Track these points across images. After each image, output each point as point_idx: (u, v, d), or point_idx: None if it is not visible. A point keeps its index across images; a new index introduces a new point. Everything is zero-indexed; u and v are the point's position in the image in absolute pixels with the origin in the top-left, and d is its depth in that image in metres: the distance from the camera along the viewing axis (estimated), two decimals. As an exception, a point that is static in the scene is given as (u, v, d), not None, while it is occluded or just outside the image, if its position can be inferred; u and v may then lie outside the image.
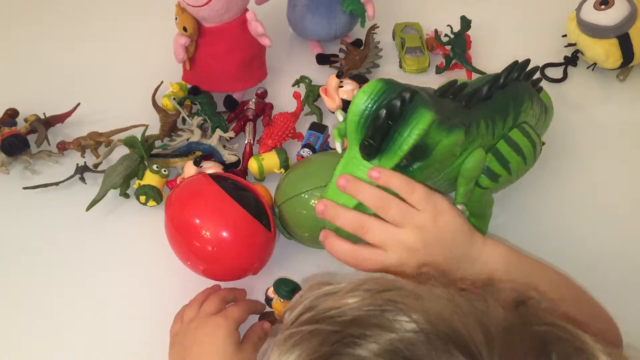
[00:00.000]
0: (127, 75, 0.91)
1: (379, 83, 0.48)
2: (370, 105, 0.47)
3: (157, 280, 0.70)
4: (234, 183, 0.67)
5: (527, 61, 0.65)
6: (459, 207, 0.59)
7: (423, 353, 0.30)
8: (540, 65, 0.91)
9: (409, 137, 0.45)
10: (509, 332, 0.32)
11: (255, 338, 0.60)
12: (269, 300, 0.64)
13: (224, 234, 0.63)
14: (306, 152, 0.77)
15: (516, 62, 0.63)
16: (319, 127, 0.80)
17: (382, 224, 0.48)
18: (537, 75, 0.73)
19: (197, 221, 0.63)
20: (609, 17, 0.84)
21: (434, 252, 0.47)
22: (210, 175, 0.68)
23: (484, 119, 0.58)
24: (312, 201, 0.64)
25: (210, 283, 0.67)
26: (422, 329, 0.31)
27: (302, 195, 0.65)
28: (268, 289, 0.64)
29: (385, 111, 0.45)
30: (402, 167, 0.48)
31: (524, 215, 0.75)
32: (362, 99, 0.47)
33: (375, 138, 0.46)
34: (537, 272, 0.51)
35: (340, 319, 0.33)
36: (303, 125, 0.83)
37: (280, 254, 0.69)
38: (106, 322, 0.67)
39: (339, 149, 0.56)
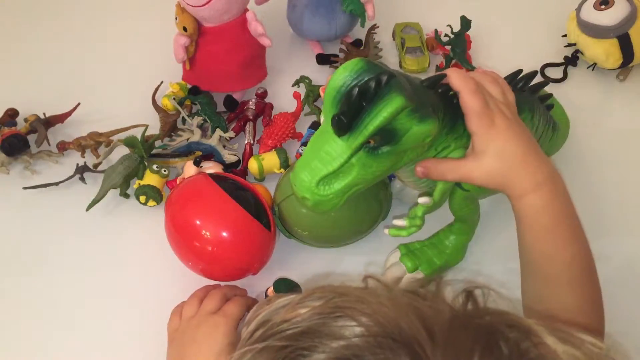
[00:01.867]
0: (127, 75, 0.91)
1: (361, 62, 0.48)
2: (347, 82, 0.47)
3: (157, 280, 0.70)
4: (233, 183, 0.68)
5: (534, 73, 0.64)
6: (424, 199, 0.59)
7: (369, 357, 0.31)
8: (540, 66, 0.92)
9: (375, 118, 0.46)
10: (453, 327, 0.32)
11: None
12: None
13: (224, 234, 0.63)
14: (302, 149, 0.77)
15: (520, 70, 0.62)
16: (318, 127, 0.79)
17: (496, 84, 0.53)
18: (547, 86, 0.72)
19: (197, 221, 0.63)
20: (609, 17, 0.84)
21: (518, 127, 0.51)
22: (210, 175, 0.68)
23: None
24: None
25: (211, 283, 0.67)
26: (370, 332, 0.32)
27: None
28: (268, 288, 0.64)
29: (358, 89, 0.46)
30: (370, 148, 0.48)
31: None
32: (341, 74, 0.48)
33: (346, 114, 0.46)
34: (580, 227, 0.53)
35: (289, 332, 0.34)
36: (303, 125, 0.83)
37: (280, 253, 0.69)
38: (106, 322, 0.67)
39: (321, 121, 0.56)
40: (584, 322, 0.52)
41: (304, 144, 0.78)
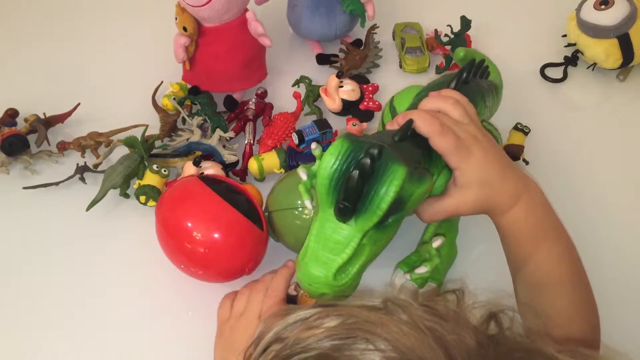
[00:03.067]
0: (127, 75, 0.91)
1: (345, 142, 0.46)
2: (338, 167, 0.46)
3: (157, 279, 0.70)
4: (222, 184, 0.67)
5: (472, 62, 0.64)
6: (438, 241, 0.61)
7: None
8: (540, 66, 0.92)
9: (387, 195, 0.45)
10: (476, 357, 0.31)
11: None
12: (292, 299, 0.63)
13: (217, 235, 0.63)
14: (295, 137, 0.77)
15: (460, 72, 0.61)
16: (321, 124, 0.79)
17: (461, 109, 0.52)
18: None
19: (189, 224, 0.63)
20: (609, 17, 0.84)
21: (492, 150, 0.51)
22: (199, 177, 0.68)
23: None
24: (304, 215, 0.64)
25: (207, 283, 0.67)
26: (388, 357, 0.31)
27: (296, 210, 0.65)
28: (290, 286, 0.63)
29: (357, 171, 0.44)
30: (378, 224, 0.47)
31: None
32: (330, 161, 0.46)
33: (350, 200, 0.45)
34: (561, 229, 0.53)
35: (305, 355, 0.33)
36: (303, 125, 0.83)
37: (272, 253, 0.69)
38: (106, 322, 0.67)
39: (308, 206, 0.54)
40: (579, 323, 0.52)
41: (311, 140, 0.77)
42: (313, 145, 0.56)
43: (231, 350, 0.57)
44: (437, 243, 0.61)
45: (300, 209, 0.65)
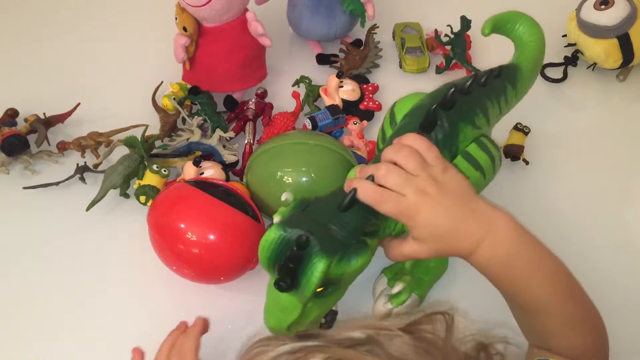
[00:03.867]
0: (127, 75, 0.91)
1: (279, 229, 0.50)
2: (274, 246, 0.50)
3: (157, 279, 0.70)
4: (209, 184, 0.67)
5: (474, 76, 0.62)
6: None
7: None
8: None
9: (309, 281, 0.48)
10: None
11: None
12: None
13: (218, 234, 0.63)
14: (308, 123, 0.79)
15: (449, 97, 0.59)
16: (334, 110, 0.80)
17: (399, 171, 0.51)
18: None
19: (189, 231, 0.63)
20: (609, 17, 0.84)
21: (446, 198, 0.51)
22: (187, 182, 0.68)
23: (489, 99, 0.61)
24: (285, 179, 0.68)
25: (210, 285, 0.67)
26: None
27: (277, 177, 0.68)
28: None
29: (286, 255, 0.48)
30: (318, 295, 0.51)
31: (519, 214, 0.75)
32: (264, 245, 0.50)
33: (283, 278, 0.49)
34: (538, 257, 0.53)
35: None
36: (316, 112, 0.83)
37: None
38: (106, 322, 0.67)
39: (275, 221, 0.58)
40: (577, 337, 0.52)
41: (324, 126, 0.79)
42: (283, 197, 0.62)
43: None
44: (396, 289, 0.64)
45: (280, 173, 0.68)
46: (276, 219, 0.58)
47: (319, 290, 0.50)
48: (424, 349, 0.37)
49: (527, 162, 0.79)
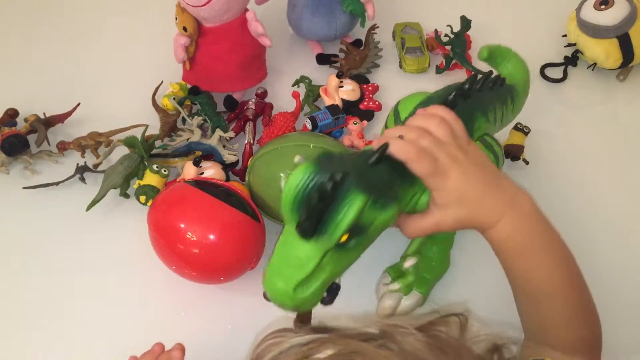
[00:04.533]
0: (127, 75, 0.91)
1: (311, 165, 0.48)
2: (302, 187, 0.47)
3: (157, 279, 0.70)
4: (209, 184, 0.67)
5: (475, 76, 0.64)
6: (410, 262, 0.62)
7: None
8: (540, 66, 0.92)
9: (342, 221, 0.46)
10: None
11: None
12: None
13: (218, 234, 0.63)
14: (308, 123, 0.79)
15: (459, 90, 0.59)
16: (334, 109, 0.80)
17: (431, 135, 0.51)
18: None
19: (183, 225, 0.63)
20: (609, 17, 0.84)
21: (473, 167, 0.51)
22: (187, 182, 0.68)
23: (492, 106, 0.60)
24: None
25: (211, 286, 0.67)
26: None
27: (279, 179, 0.68)
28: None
29: (317, 193, 0.46)
30: (340, 246, 0.48)
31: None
32: (294, 181, 0.48)
33: (310, 220, 0.46)
34: (553, 241, 0.53)
35: None
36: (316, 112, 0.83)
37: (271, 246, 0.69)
38: (106, 322, 0.67)
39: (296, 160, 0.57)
40: (576, 328, 0.53)
41: (324, 126, 0.79)
42: (296, 159, 0.59)
43: None
44: (408, 263, 0.62)
45: (282, 175, 0.68)
46: (298, 158, 0.57)
47: (342, 239, 0.47)
48: (438, 348, 0.37)
49: (527, 162, 0.79)
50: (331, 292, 0.55)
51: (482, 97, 0.62)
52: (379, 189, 0.48)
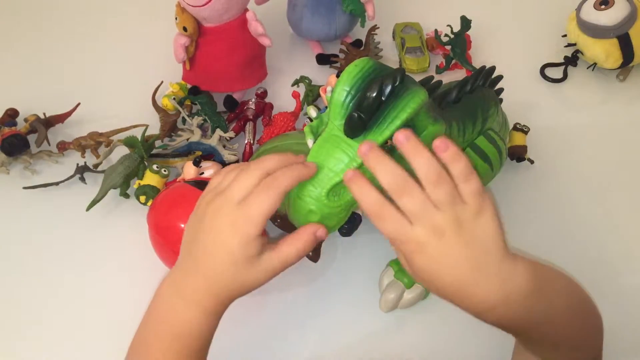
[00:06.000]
0: (127, 75, 0.91)
1: (370, 61, 0.46)
2: (360, 81, 0.45)
3: (157, 280, 0.69)
4: (207, 184, 0.67)
5: (493, 68, 0.64)
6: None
7: None
8: (540, 66, 0.92)
9: (403, 111, 0.43)
10: None
11: (289, 253, 0.47)
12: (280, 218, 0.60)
13: None
14: (308, 122, 0.78)
15: (483, 67, 0.63)
16: None
17: (423, 194, 0.42)
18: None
19: (183, 225, 0.62)
20: (609, 17, 0.84)
21: (463, 250, 0.41)
22: (187, 182, 0.68)
23: (455, 121, 0.57)
24: None
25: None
26: None
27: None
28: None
29: (378, 87, 0.43)
30: (387, 149, 0.45)
31: (522, 215, 0.75)
32: (352, 72, 0.45)
33: (366, 111, 0.43)
34: (557, 290, 0.47)
35: None
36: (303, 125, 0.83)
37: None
38: (106, 322, 0.67)
39: (310, 145, 0.51)
40: (574, 356, 0.51)
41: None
42: (311, 112, 0.55)
43: (198, 231, 0.49)
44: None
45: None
46: (312, 111, 0.54)
47: (390, 142, 0.44)
48: None
49: (532, 162, 0.79)
50: (351, 222, 0.51)
51: (493, 93, 0.63)
52: (432, 105, 0.47)
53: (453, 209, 0.41)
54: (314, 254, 0.54)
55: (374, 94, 0.43)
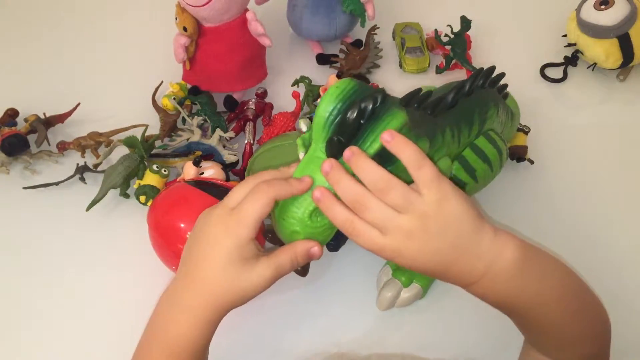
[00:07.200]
0: (127, 75, 0.91)
1: (351, 82, 0.47)
2: (341, 103, 0.46)
3: (158, 280, 0.69)
4: (209, 184, 0.67)
5: (492, 68, 0.64)
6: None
7: None
8: (540, 66, 0.92)
9: (380, 135, 0.44)
10: None
11: (284, 261, 0.48)
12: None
13: None
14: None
15: (481, 69, 0.62)
16: None
17: (381, 204, 0.44)
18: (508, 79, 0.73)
19: (183, 225, 0.63)
20: (609, 17, 0.84)
21: (436, 242, 0.44)
22: (187, 182, 0.68)
23: (449, 126, 0.57)
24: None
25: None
26: None
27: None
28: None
29: (357, 109, 0.44)
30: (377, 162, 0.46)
31: (522, 215, 0.75)
32: (333, 95, 0.46)
33: (345, 135, 0.44)
34: (548, 269, 0.48)
35: None
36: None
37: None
38: (106, 322, 0.67)
39: (301, 158, 0.52)
40: (580, 351, 0.51)
41: (311, 118, 0.79)
42: (302, 126, 0.56)
43: (190, 257, 0.50)
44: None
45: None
46: (303, 125, 0.55)
47: None
48: None
49: (532, 162, 0.79)
50: (337, 238, 0.52)
51: (494, 93, 0.63)
52: (415, 121, 0.47)
53: (412, 207, 0.43)
54: (303, 269, 0.55)
55: (354, 116, 0.44)
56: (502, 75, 0.66)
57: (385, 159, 0.45)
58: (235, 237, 0.47)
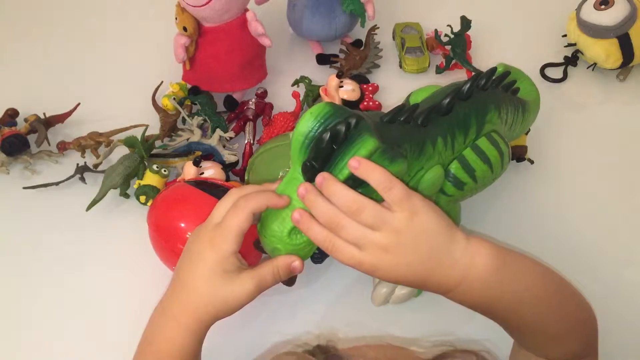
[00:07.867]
0: (127, 75, 0.91)
1: (327, 106, 0.48)
2: (315, 127, 0.47)
3: (157, 280, 0.69)
4: (208, 184, 0.67)
5: (494, 69, 0.63)
6: None
7: None
8: (541, 66, 0.92)
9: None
10: None
11: (266, 274, 0.51)
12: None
13: None
14: None
15: (479, 73, 0.61)
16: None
17: (355, 223, 0.46)
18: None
19: (183, 225, 0.63)
20: (609, 17, 0.84)
21: (410, 255, 0.47)
22: (187, 182, 0.68)
23: (441, 135, 0.56)
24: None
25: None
26: None
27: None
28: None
29: (329, 134, 0.46)
30: (350, 185, 0.48)
31: (522, 215, 0.75)
32: (308, 120, 0.48)
33: (317, 160, 0.46)
34: (523, 270, 0.50)
35: None
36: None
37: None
38: (106, 322, 0.67)
39: (281, 177, 0.56)
40: (565, 348, 0.51)
41: None
42: (281, 174, 0.59)
43: (184, 254, 0.53)
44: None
45: (282, 173, 0.67)
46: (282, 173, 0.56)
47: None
48: None
49: (532, 162, 0.79)
50: (322, 251, 0.54)
51: (497, 93, 0.63)
52: (390, 142, 0.48)
53: (385, 225, 0.46)
54: (289, 280, 0.57)
55: (325, 142, 0.46)
56: (506, 74, 0.65)
57: (357, 181, 0.47)
58: (219, 250, 0.50)
